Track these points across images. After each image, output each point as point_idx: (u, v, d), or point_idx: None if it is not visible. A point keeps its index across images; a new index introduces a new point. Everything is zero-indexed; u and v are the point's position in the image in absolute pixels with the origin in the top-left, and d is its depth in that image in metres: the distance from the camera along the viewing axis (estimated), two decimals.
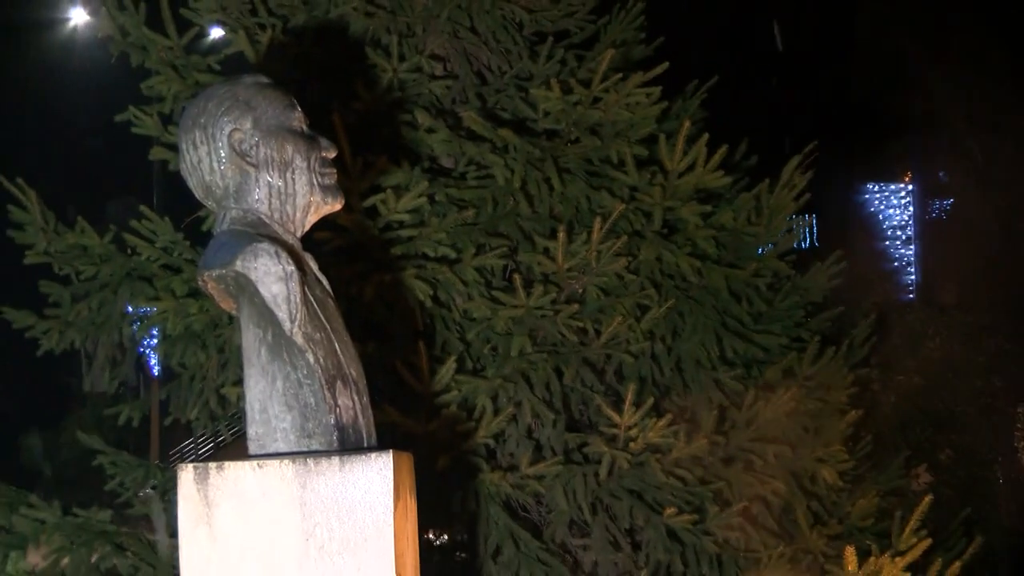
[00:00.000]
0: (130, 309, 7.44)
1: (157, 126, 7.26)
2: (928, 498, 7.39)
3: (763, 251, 7.56)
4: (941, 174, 22.48)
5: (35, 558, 7.40)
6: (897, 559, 6.97)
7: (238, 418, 7.11)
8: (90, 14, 26.39)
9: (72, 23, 28.90)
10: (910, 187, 26.20)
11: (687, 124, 7.17)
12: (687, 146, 7.10)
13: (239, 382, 5.10)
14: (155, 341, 7.72)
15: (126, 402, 7.88)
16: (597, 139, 7.18)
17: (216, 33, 7.66)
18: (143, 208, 7.28)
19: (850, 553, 6.96)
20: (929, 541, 7.11)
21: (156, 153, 7.30)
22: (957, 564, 7.20)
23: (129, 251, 7.32)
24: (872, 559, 6.98)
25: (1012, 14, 16.44)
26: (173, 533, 4.62)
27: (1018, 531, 10.40)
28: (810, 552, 7.28)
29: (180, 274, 7.17)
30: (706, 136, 7.16)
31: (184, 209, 6.98)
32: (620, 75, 7.11)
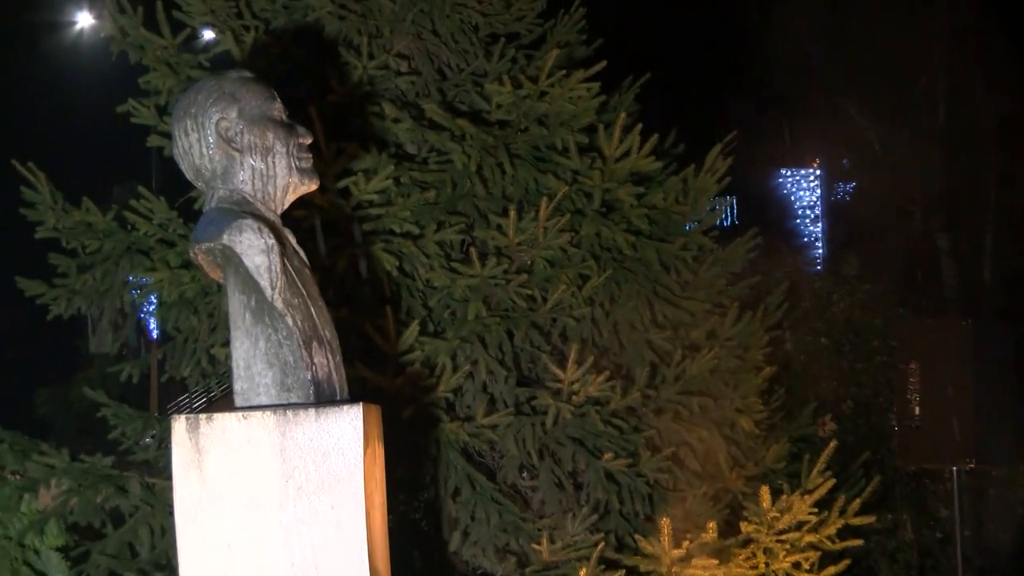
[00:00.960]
0: (130, 279, 7.39)
1: (154, 116, 7.20)
2: (833, 444, 7.42)
3: (690, 227, 7.56)
4: (845, 161, 22.55)
5: (46, 499, 7.36)
6: (806, 497, 7.01)
7: (226, 375, 7.06)
8: (95, 18, 26.20)
9: (79, 26, 28.72)
10: (818, 172, 26.25)
11: (623, 115, 7.16)
12: (623, 135, 7.08)
13: (227, 343, 5.05)
14: (153, 307, 7.67)
15: (127, 361, 7.83)
16: (544, 128, 7.16)
17: (207, 34, 7.59)
18: (141, 189, 7.23)
19: (765, 492, 6.98)
20: (833, 481, 7.14)
21: (153, 140, 7.26)
22: (857, 501, 7.23)
23: (129, 227, 7.27)
24: (784, 497, 7.01)
25: (905, 18, 16.53)
26: (168, 476, 4.59)
27: (910, 471, 10.47)
28: (730, 491, 7.32)
29: (174, 248, 7.12)
30: (640, 126, 7.15)
31: (178, 190, 6.93)
32: (564, 72, 7.09)
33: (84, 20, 28.29)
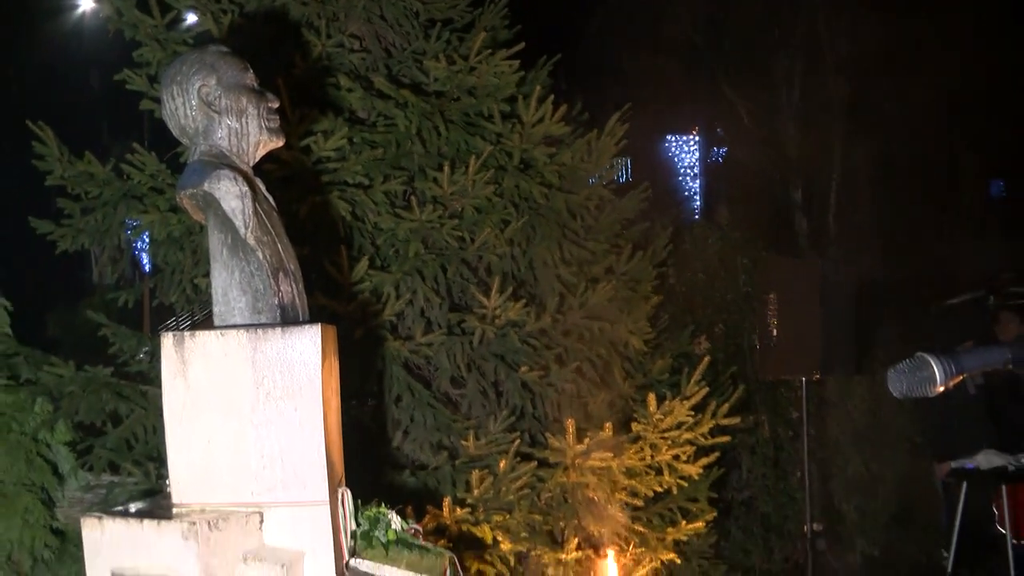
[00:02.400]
0: (126, 220, 7.29)
1: (145, 84, 7.07)
2: (706, 359, 7.51)
3: (593, 181, 7.57)
4: (719, 130, 22.63)
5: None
6: (684, 402, 7.09)
7: (207, 301, 7.00)
8: (95, 1, 25.70)
9: (82, 9, 28.21)
10: (697, 138, 26.33)
11: (539, 88, 7.17)
12: (538, 104, 7.07)
13: (207, 274, 5.00)
14: (145, 244, 7.57)
15: (124, 289, 7.72)
16: (473, 98, 7.12)
17: (190, 16, 7.46)
18: (135, 145, 7.12)
19: (651, 398, 7.06)
20: (707, 389, 7.23)
21: (145, 104, 7.12)
22: (726, 405, 7.33)
23: (125, 177, 7.16)
24: (667, 402, 7.09)
25: (773, 10, 16.56)
26: (158, 384, 4.53)
27: (768, 381, 10.60)
28: (623, 398, 7.38)
29: (163, 194, 7.02)
30: (552, 96, 7.15)
31: (166, 145, 6.82)
32: (490, 51, 7.06)
33: (86, 3, 27.79)
